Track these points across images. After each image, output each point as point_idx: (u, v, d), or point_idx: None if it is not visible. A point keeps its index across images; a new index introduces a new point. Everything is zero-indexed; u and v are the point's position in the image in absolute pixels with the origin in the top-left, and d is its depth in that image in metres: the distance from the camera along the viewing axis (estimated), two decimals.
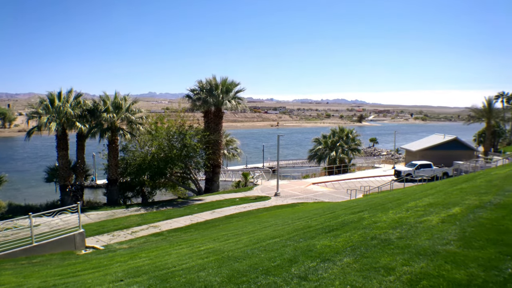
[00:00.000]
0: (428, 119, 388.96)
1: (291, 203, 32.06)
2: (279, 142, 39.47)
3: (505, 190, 12.20)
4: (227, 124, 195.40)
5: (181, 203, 34.17)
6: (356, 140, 58.67)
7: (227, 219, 26.10)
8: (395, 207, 12.69)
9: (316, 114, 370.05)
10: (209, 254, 10.52)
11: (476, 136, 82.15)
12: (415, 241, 8.01)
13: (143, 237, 22.17)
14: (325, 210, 18.77)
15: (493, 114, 69.02)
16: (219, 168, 42.14)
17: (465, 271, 6.23)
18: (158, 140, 36.85)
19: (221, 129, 41.78)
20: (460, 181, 18.30)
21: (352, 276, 6.51)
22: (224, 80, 41.14)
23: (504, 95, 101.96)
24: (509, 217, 8.98)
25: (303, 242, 9.67)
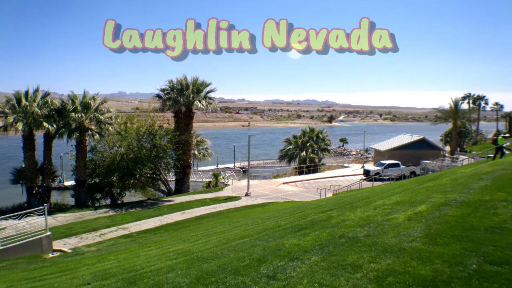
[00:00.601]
0: (396, 120, 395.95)
1: (262, 202, 32.15)
2: (251, 142, 39.53)
3: (470, 188, 12.52)
4: (198, 124, 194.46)
5: (151, 204, 33.86)
6: (326, 140, 59.26)
7: (197, 220, 26.00)
8: (363, 206, 12.88)
9: (287, 114, 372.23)
10: (178, 255, 10.48)
11: (443, 136, 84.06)
12: (382, 238, 8.16)
13: (112, 239, 21.90)
14: (295, 209, 18.89)
15: (459, 115, 70.73)
16: (189, 169, 41.92)
17: (430, 267, 6.38)
18: (127, 141, 36.43)
19: (192, 129, 41.58)
20: (427, 180, 18.67)
21: (320, 274, 6.59)
22: (195, 80, 40.97)
23: (470, 97, 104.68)
24: (473, 214, 9.22)
25: (272, 241, 9.73)
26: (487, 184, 12.69)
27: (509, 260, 6.45)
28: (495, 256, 6.64)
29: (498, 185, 12.42)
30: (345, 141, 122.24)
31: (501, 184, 12.47)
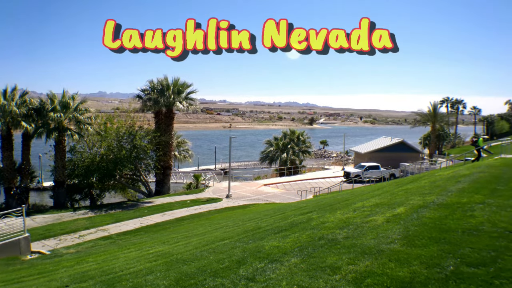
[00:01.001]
0: (376, 123, 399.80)
1: (243, 204, 32.14)
2: (232, 144, 39.50)
3: (448, 190, 12.70)
4: (179, 125, 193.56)
5: (131, 205, 33.56)
6: (306, 142, 59.58)
7: (178, 222, 25.87)
8: (343, 208, 12.97)
9: (268, 116, 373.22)
10: (158, 257, 10.42)
11: (422, 139, 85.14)
12: (361, 240, 8.21)
13: (91, 241, 21.67)
14: (276, 211, 18.94)
15: (438, 118, 71.66)
16: (170, 170, 41.69)
17: (408, 269, 6.44)
18: (107, 141, 36.07)
19: (172, 130, 41.37)
20: (406, 182, 18.89)
21: (299, 276, 6.61)
22: (176, 80, 40.79)
23: (449, 100, 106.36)
24: (451, 216, 9.35)
25: (252, 243, 9.73)
26: (465, 187, 12.89)
27: (486, 261, 6.54)
28: (472, 257, 6.74)
29: (475, 187, 12.62)
30: (325, 143, 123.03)
31: (478, 187, 12.67)
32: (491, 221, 8.73)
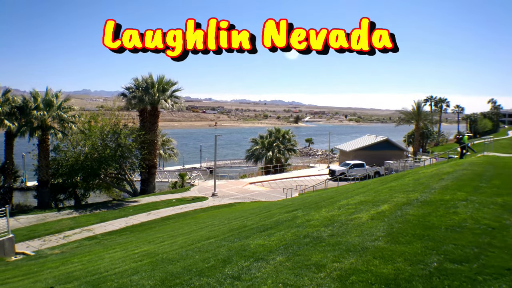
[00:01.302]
0: (361, 121, 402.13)
1: (229, 203, 32.12)
2: (218, 142, 39.46)
3: (431, 188, 12.83)
4: (164, 123, 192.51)
5: (116, 205, 33.34)
6: (292, 141, 59.67)
7: (163, 221, 25.79)
8: (328, 205, 13.04)
9: (254, 114, 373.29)
10: (143, 257, 10.38)
11: (406, 137, 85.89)
12: (346, 238, 8.26)
13: (76, 241, 21.52)
14: (261, 209, 18.96)
15: (422, 116, 72.32)
16: (155, 169, 41.48)
17: (392, 266, 6.50)
18: (91, 140, 35.75)
19: (157, 128, 41.16)
20: (390, 180, 19.05)
21: (284, 274, 6.63)
22: (161, 78, 40.56)
23: (432, 99, 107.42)
24: (434, 213, 9.45)
25: (238, 242, 9.73)
26: (448, 184, 13.03)
27: (469, 258, 6.63)
28: (456, 254, 6.82)
29: (458, 185, 12.77)
30: (311, 141, 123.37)
31: (461, 184, 12.83)
32: (474, 218, 8.84)
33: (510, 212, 9.28)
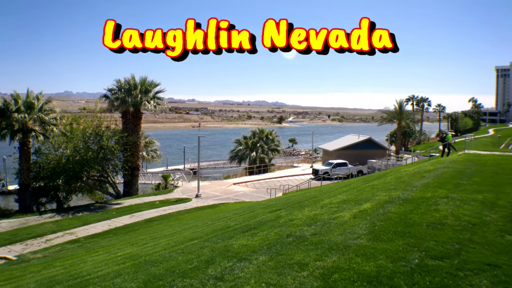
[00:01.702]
0: (344, 121, 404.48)
1: (212, 204, 32.05)
2: (202, 143, 39.35)
3: (412, 186, 12.97)
4: (147, 125, 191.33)
5: (98, 207, 33.04)
6: (275, 141, 59.83)
7: (146, 223, 25.62)
8: (311, 205, 13.09)
9: (237, 115, 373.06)
10: (126, 259, 10.31)
11: (388, 136, 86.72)
12: (328, 236, 8.31)
13: (58, 245, 21.27)
14: (245, 209, 18.97)
15: (404, 116, 73.16)
16: (138, 171, 41.18)
17: (374, 263, 6.56)
18: (73, 142, 35.37)
19: (140, 130, 40.87)
20: (372, 179, 19.20)
21: (267, 274, 6.64)
22: (144, 79, 40.30)
23: (414, 98, 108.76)
24: (415, 211, 9.56)
25: (221, 242, 9.72)
26: (429, 182, 13.19)
27: (450, 254, 6.72)
28: (437, 250, 6.90)
29: (439, 182, 12.93)
30: (294, 141, 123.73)
31: (442, 182, 12.99)
32: (454, 215, 8.96)
33: (490, 209, 9.43)
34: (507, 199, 10.29)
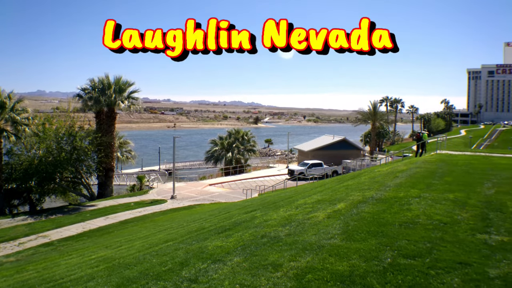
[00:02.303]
0: (319, 121, 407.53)
1: (188, 205, 31.89)
2: (178, 144, 39.12)
3: (386, 185, 13.14)
4: (122, 125, 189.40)
5: (72, 209, 32.56)
6: (251, 141, 59.90)
7: (121, 225, 25.35)
8: (286, 205, 13.15)
9: (213, 115, 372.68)
10: (100, 262, 10.20)
11: (363, 137, 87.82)
12: (303, 237, 8.36)
13: (31, 248, 20.87)
14: (221, 210, 18.96)
15: (378, 116, 74.21)
16: (112, 172, 40.71)
17: (347, 263, 6.62)
18: (46, 143, 34.74)
19: (114, 130, 40.40)
20: (347, 179, 19.38)
21: (242, 275, 6.65)
22: (118, 79, 39.85)
23: (388, 100, 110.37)
24: (388, 210, 9.69)
25: (196, 244, 9.69)
26: (402, 182, 13.38)
27: (422, 253, 6.83)
28: (409, 249, 7.01)
29: (412, 182, 13.14)
30: (270, 142, 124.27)
31: (415, 182, 13.20)
32: (426, 214, 9.11)
33: (461, 208, 9.61)
34: (477, 199, 10.51)
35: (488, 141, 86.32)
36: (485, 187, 11.97)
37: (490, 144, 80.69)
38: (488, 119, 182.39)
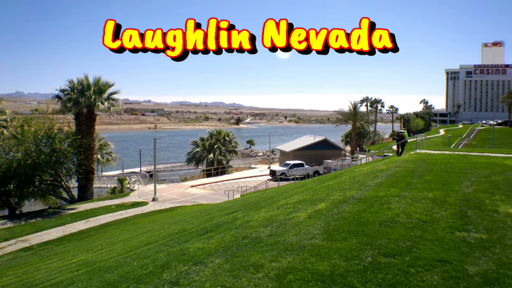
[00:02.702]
0: (301, 122, 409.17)
1: (169, 207, 31.73)
2: (160, 145, 38.87)
3: (366, 185, 13.25)
4: (102, 127, 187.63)
5: (52, 213, 32.12)
6: (233, 142, 59.81)
7: (102, 228, 25.11)
8: (267, 206, 13.18)
9: (195, 116, 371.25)
10: (80, 266, 10.10)
11: (344, 137, 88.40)
12: (284, 237, 8.39)
13: (11, 253, 20.54)
14: (202, 212, 18.90)
15: (358, 117, 74.78)
16: (92, 174, 40.27)
17: (328, 263, 6.67)
18: (24, 145, 34.21)
19: (94, 132, 39.99)
20: (328, 179, 19.49)
21: (223, 277, 6.65)
22: (98, 80, 39.42)
23: (368, 100, 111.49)
24: (369, 209, 9.78)
25: (177, 246, 9.66)
26: (382, 181, 13.50)
27: (402, 251, 6.91)
28: (389, 248, 7.08)
29: (392, 181, 13.27)
30: (252, 142, 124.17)
31: (395, 181, 13.33)
32: (406, 213, 9.21)
33: (440, 206, 9.74)
34: (456, 197, 10.66)
35: (466, 140, 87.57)
36: (464, 185, 12.14)
37: (468, 143, 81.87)
38: (466, 118, 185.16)
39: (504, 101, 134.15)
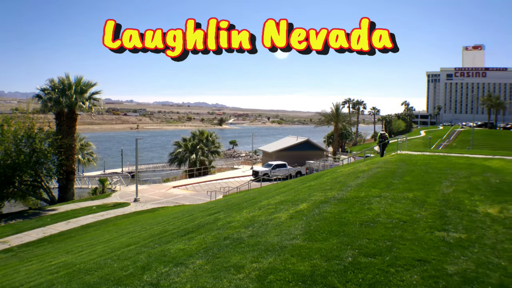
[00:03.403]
0: (283, 123, 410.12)
1: (151, 208, 31.54)
2: (141, 146, 38.60)
3: (347, 185, 13.35)
4: (84, 126, 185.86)
5: (32, 214, 31.68)
6: (216, 143, 59.66)
7: (83, 229, 24.85)
8: (249, 206, 13.19)
9: (177, 117, 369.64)
10: (60, 268, 10.00)
11: (326, 138, 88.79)
12: (265, 238, 8.40)
13: None
14: (184, 213, 18.84)
15: (341, 118, 75.20)
16: (73, 175, 39.81)
17: (309, 263, 6.70)
18: (4, 145, 33.68)
19: (75, 132, 39.54)
20: (310, 179, 19.58)
21: (204, 278, 6.64)
22: (79, 79, 39.00)
23: (350, 101, 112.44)
24: (350, 210, 9.85)
25: (158, 247, 9.61)
26: (363, 182, 13.61)
27: (382, 251, 6.97)
28: (369, 248, 7.14)
29: (373, 182, 13.38)
30: (235, 143, 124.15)
31: (375, 181, 13.45)
32: (386, 213, 9.30)
33: (420, 206, 9.86)
34: (436, 197, 10.79)
35: (447, 142, 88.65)
36: (443, 186, 12.30)
37: (448, 145, 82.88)
38: (447, 120, 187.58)
39: (484, 103, 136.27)
